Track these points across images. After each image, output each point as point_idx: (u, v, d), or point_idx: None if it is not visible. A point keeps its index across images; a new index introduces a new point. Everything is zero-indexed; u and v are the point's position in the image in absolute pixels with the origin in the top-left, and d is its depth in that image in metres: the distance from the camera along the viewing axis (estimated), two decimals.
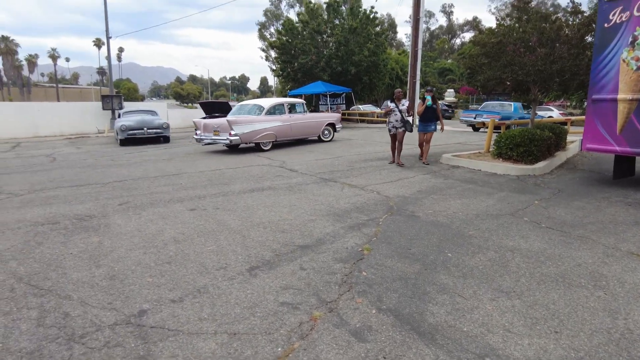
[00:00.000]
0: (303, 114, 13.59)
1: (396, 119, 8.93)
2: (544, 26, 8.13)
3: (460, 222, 4.90)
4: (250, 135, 11.67)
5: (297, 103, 13.82)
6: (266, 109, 12.21)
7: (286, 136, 12.95)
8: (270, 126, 12.12)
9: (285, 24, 24.10)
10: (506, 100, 35.79)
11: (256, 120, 11.88)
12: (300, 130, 13.35)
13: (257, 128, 11.79)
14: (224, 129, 11.60)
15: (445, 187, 6.79)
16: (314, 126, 13.95)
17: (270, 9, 69.15)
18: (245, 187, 6.92)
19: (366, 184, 7.01)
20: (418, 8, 21.23)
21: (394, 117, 8.98)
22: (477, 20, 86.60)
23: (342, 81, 22.90)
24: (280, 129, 12.43)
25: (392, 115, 9.01)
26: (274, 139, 12.41)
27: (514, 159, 8.40)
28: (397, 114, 8.91)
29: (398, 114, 8.89)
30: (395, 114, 8.93)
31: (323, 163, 9.42)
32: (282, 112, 12.69)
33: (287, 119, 12.71)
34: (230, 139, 11.36)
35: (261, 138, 11.98)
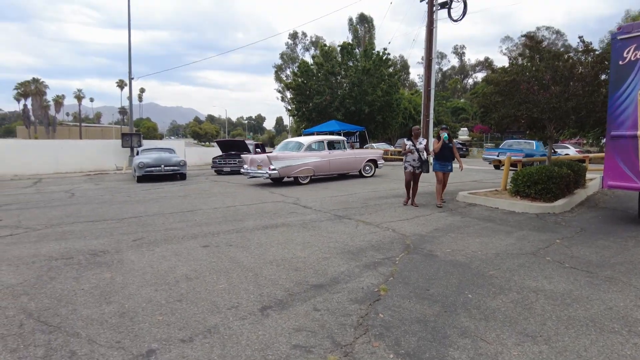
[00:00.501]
0: (343, 151, 14.15)
1: (413, 158, 8.47)
2: (557, 64, 8.16)
3: (479, 261, 4.74)
4: (288, 169, 12.55)
5: (337, 140, 14.55)
6: (305, 145, 13.15)
7: (325, 171, 13.57)
8: (308, 162, 12.90)
9: (301, 66, 24.86)
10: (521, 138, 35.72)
11: (294, 156, 12.78)
12: (339, 165, 13.89)
13: (295, 163, 12.65)
14: (265, 164, 12.57)
15: (463, 225, 6.64)
16: (353, 162, 14.42)
17: (286, 52, 71.62)
18: (259, 224, 6.88)
19: (381, 222, 6.90)
20: (430, 49, 21.72)
21: (411, 156, 8.50)
22: (488, 61, 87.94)
23: (356, 120, 23.23)
24: (319, 164, 13.15)
25: (410, 154, 8.53)
26: (311, 174, 13.08)
27: (532, 196, 8.23)
28: (414, 153, 8.46)
29: (416, 153, 8.44)
30: (413, 153, 8.47)
31: (337, 200, 9.37)
32: (322, 149, 13.45)
33: (326, 155, 13.39)
34: (269, 172, 12.31)
35: (299, 173, 12.77)
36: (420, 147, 8.48)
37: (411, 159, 8.49)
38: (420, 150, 8.46)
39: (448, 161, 8.61)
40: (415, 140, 8.55)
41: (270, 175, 12.38)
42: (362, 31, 60.45)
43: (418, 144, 8.51)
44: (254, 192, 11.37)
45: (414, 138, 8.57)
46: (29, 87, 73.33)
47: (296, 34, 71.33)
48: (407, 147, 8.51)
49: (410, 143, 8.51)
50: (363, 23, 62.66)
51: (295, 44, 71.13)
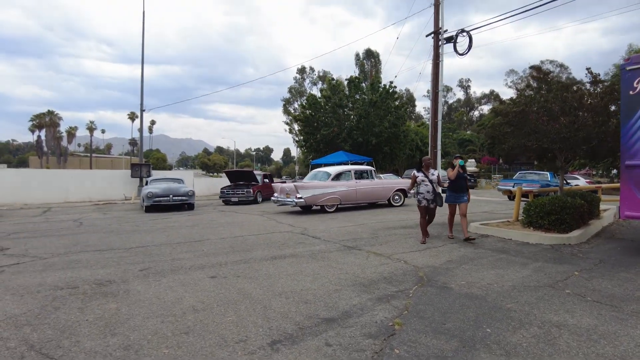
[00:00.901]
0: (370, 180, 14.41)
1: (427, 190, 7.73)
2: (566, 95, 8.17)
3: (496, 294, 4.56)
4: (314, 198, 13.02)
5: (365, 170, 14.78)
6: (333, 175, 13.59)
7: (352, 200, 13.88)
8: (335, 191, 13.33)
9: (309, 99, 25.28)
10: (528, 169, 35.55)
11: (321, 185, 13.24)
12: (366, 195, 14.16)
13: (321, 192, 13.10)
14: (293, 193, 13.05)
15: (476, 256, 6.46)
16: (381, 191, 14.65)
17: (294, 86, 73.06)
18: (267, 254, 6.76)
19: (392, 253, 6.75)
20: (437, 82, 21.97)
21: (424, 188, 7.76)
22: (494, 94, 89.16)
23: (363, 151, 23.32)
24: (345, 193, 13.54)
25: (422, 186, 7.79)
26: (338, 203, 13.49)
27: (545, 227, 8.05)
28: (427, 185, 7.74)
29: (429, 185, 7.73)
30: (426, 184, 7.75)
31: (346, 230, 9.24)
32: (349, 178, 13.82)
33: (353, 184, 13.73)
34: (296, 201, 12.80)
35: (325, 201, 13.20)
36: (433, 179, 7.80)
37: (424, 191, 7.75)
38: (433, 182, 7.79)
39: (462, 192, 8.01)
40: (427, 171, 7.91)
41: (297, 204, 12.83)
42: (368, 65, 61.72)
43: (430, 175, 7.84)
44: (262, 222, 11.28)
45: (425, 169, 7.93)
46: (44, 119, 75.12)
47: (304, 68, 72.94)
48: (417, 179, 7.85)
49: (422, 174, 7.83)
50: (369, 58, 64.06)
51: (303, 78, 72.61)
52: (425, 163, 8.00)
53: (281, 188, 14.26)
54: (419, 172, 7.90)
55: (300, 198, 12.73)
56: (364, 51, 65.03)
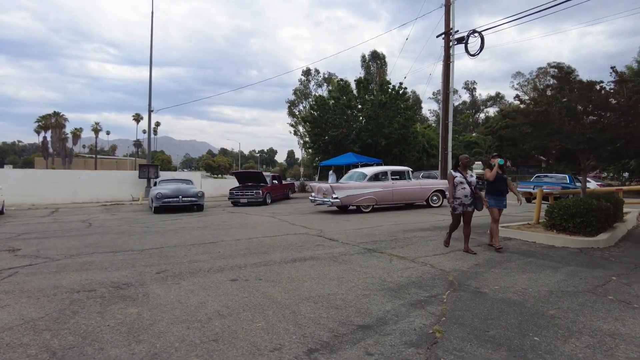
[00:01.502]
0: (407, 181, 14.52)
1: (465, 194, 6.74)
2: (590, 95, 7.93)
3: (534, 299, 4.33)
4: (350, 198, 13.27)
5: (401, 171, 14.87)
6: (369, 175, 13.78)
7: (388, 201, 14.03)
8: (371, 191, 13.52)
9: (317, 100, 25.10)
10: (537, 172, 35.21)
11: (357, 186, 13.46)
12: (402, 195, 14.30)
13: (357, 193, 13.32)
14: (329, 192, 13.36)
15: (504, 260, 6.23)
16: (419, 192, 14.76)
17: (299, 88, 72.97)
18: (286, 257, 6.55)
19: (416, 256, 6.52)
20: (447, 83, 21.77)
21: (461, 192, 6.76)
22: (499, 96, 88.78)
23: (372, 153, 23.11)
24: (381, 194, 13.71)
25: (459, 189, 6.78)
26: (374, 203, 13.67)
27: (570, 230, 7.80)
28: (465, 188, 6.75)
29: (467, 188, 6.74)
30: (464, 187, 6.75)
31: (362, 232, 9.02)
32: (385, 179, 14.00)
33: (389, 185, 13.90)
34: (332, 201, 13.16)
35: (361, 202, 13.42)
36: (472, 181, 6.81)
37: (462, 195, 6.75)
38: (472, 184, 6.80)
39: (503, 195, 7.18)
40: (464, 171, 6.89)
41: (333, 204, 13.21)
42: (374, 67, 61.59)
43: (469, 176, 6.86)
44: (275, 223, 11.08)
45: (462, 169, 6.90)
46: (50, 120, 75.33)
47: (309, 70, 72.78)
48: (454, 180, 6.81)
49: (460, 175, 6.80)
50: (375, 60, 63.91)
51: (308, 80, 72.48)
52: (463, 162, 6.98)
53: (318, 188, 14.62)
54: (456, 173, 6.87)
55: (336, 198, 12.99)
56: (370, 53, 64.86)
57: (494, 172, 7.14)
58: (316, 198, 14.43)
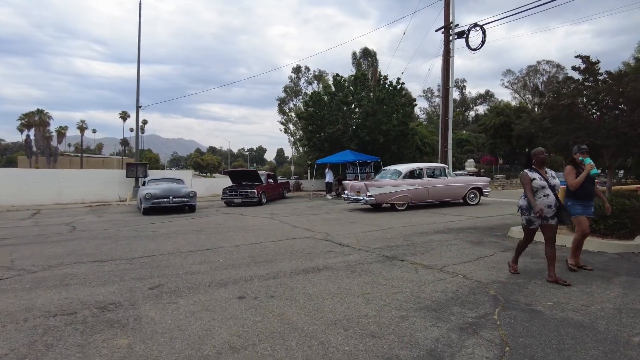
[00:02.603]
0: (443, 178, 14.24)
1: (548, 203, 4.82)
2: (624, 86, 7.32)
3: (604, 321, 3.65)
4: (384, 196, 13.03)
5: (437, 167, 14.67)
6: (403, 173, 13.59)
7: (423, 199, 13.76)
8: (406, 189, 13.29)
9: (313, 95, 24.31)
10: None
11: (391, 183, 13.27)
12: (438, 193, 14.01)
13: (392, 191, 13.09)
14: (364, 191, 13.16)
15: (540, 268, 5.55)
16: (454, 190, 14.38)
17: (289, 86, 72.15)
18: (297, 267, 5.79)
19: (442, 264, 5.82)
20: (447, 79, 21.16)
21: (543, 200, 4.82)
22: (489, 94, 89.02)
23: (370, 150, 22.42)
24: (416, 191, 13.46)
25: (541, 197, 4.85)
26: (409, 201, 13.44)
27: (601, 232, 7.18)
28: (549, 195, 4.85)
29: (551, 195, 4.86)
30: (547, 195, 4.84)
31: (373, 236, 8.30)
32: (421, 176, 13.75)
33: (425, 182, 13.63)
34: (366, 199, 12.94)
35: (395, 200, 13.20)
36: (555, 183, 4.96)
37: (544, 205, 4.84)
38: (556, 189, 4.96)
39: (591, 199, 5.51)
40: (541, 170, 5.04)
41: (367, 202, 13.00)
42: (365, 65, 60.96)
43: (550, 177, 4.99)
44: (275, 226, 10.30)
45: (538, 167, 5.06)
46: (33, 117, 73.25)
47: (299, 68, 71.91)
48: (533, 183, 4.91)
49: (539, 176, 4.95)
50: (366, 57, 63.27)
51: (299, 77, 71.65)
52: (538, 158, 5.06)
53: (351, 186, 14.45)
54: (533, 173, 5.00)
55: (370, 196, 12.78)
56: (361, 50, 64.24)
57: (583, 177, 5.27)
58: (349, 196, 14.30)
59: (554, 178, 5.02)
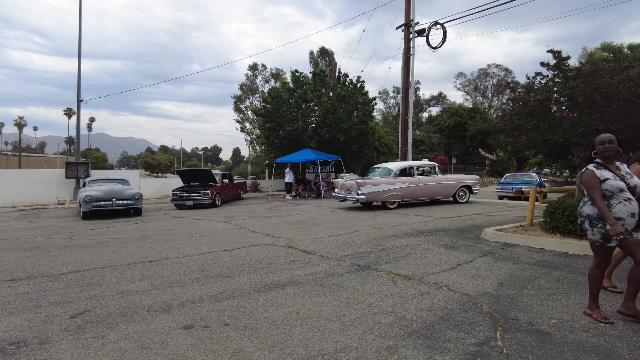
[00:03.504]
0: (434, 177, 14.17)
1: (631, 211, 3.45)
2: (598, 82, 7.06)
3: (623, 343, 3.12)
4: (375, 195, 12.96)
5: (427, 166, 14.69)
6: (394, 171, 13.50)
7: (414, 197, 13.75)
8: (397, 187, 13.25)
9: (271, 92, 23.35)
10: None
11: (383, 182, 13.17)
12: (429, 191, 13.97)
13: (383, 189, 13.04)
14: (354, 189, 13.07)
15: (528, 276, 5.07)
16: (445, 188, 14.29)
17: (245, 83, 70.64)
18: (256, 282, 4.96)
19: (421, 273, 5.20)
20: (407, 77, 20.93)
21: (623, 208, 3.45)
22: (442, 95, 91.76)
23: (330, 149, 21.80)
24: (407, 190, 13.42)
25: (620, 202, 3.47)
26: (400, 199, 13.38)
27: (577, 233, 6.88)
28: (630, 199, 3.49)
29: (633, 199, 3.51)
30: (628, 200, 3.48)
31: (340, 241, 7.60)
32: (411, 175, 13.71)
33: (415, 180, 13.59)
34: (357, 197, 12.86)
35: (387, 198, 13.13)
36: (635, 183, 3.54)
37: (625, 214, 3.45)
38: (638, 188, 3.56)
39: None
40: (612, 165, 3.61)
41: (358, 200, 12.88)
42: (323, 64, 60.68)
43: (626, 173, 3.60)
44: (231, 231, 9.36)
45: (609, 162, 3.62)
46: None
47: (256, 65, 70.60)
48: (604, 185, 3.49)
49: (612, 175, 3.52)
50: (324, 56, 63.00)
51: (255, 75, 70.40)
52: (604, 152, 3.60)
53: (342, 184, 14.38)
54: (601, 169, 3.57)
55: (361, 195, 12.71)
56: (319, 49, 63.93)
57: None
58: (339, 194, 14.23)
59: (631, 176, 3.58)
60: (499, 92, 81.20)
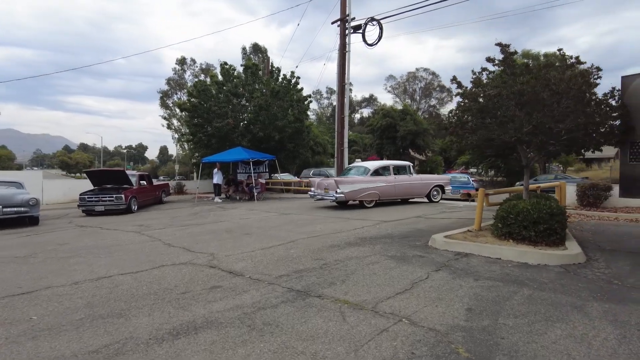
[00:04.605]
0: (409, 176, 14.21)
1: None
2: (549, 77, 6.63)
3: None
4: (354, 193, 12.83)
5: (403, 165, 14.63)
6: (371, 170, 13.44)
7: (390, 196, 13.76)
8: (374, 186, 13.15)
9: (197, 85, 21.44)
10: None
11: (361, 180, 13.05)
12: (404, 190, 14.02)
13: (361, 187, 12.90)
14: (332, 188, 12.85)
15: (496, 297, 4.30)
16: (419, 187, 14.41)
17: (173, 78, 66.95)
18: (160, 324, 3.69)
19: (374, 299, 4.23)
20: (343, 75, 20.26)
21: None
22: (373, 97, 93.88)
23: (264, 148, 20.49)
24: (384, 189, 13.37)
25: None
26: (377, 198, 13.34)
27: (531, 239, 6.38)
28: None
29: None
30: None
31: (275, 254, 6.46)
32: (388, 174, 13.68)
33: (392, 180, 13.59)
34: (336, 196, 12.59)
35: (365, 197, 13.03)
36: None
37: None
38: None
39: None
40: None
41: (337, 199, 12.68)
42: (257, 60, 58.99)
43: None
44: (142, 245, 7.82)
45: None
46: None
47: (184, 59, 67.14)
48: None
49: None
50: (257, 52, 61.32)
51: (184, 69, 67.03)
52: None
53: (318, 183, 14.17)
54: None
55: (340, 193, 12.49)
56: (251, 45, 62.13)
57: None
58: (316, 193, 13.92)
59: None
60: (426, 94, 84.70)
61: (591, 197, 11.73)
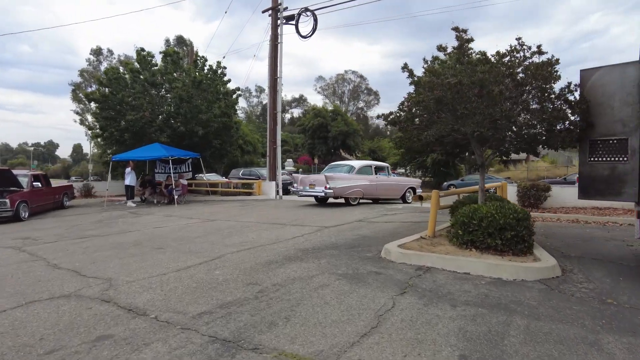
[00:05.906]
0: (387, 177, 14.69)
1: None
2: (512, 65, 5.94)
3: None
4: (342, 190, 12.89)
5: (382, 166, 14.99)
6: (357, 168, 13.78)
7: (372, 195, 14.10)
8: (360, 184, 13.43)
9: (108, 72, 18.79)
10: None
11: (348, 177, 13.30)
12: (384, 191, 14.35)
13: (349, 184, 13.09)
14: (320, 183, 12.99)
15: (487, 333, 3.33)
16: (396, 188, 14.77)
17: (87, 69, 61.36)
18: None
19: (332, 351, 3.03)
20: (275, 68, 18.99)
21: None
22: (303, 98, 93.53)
23: (186, 144, 18.50)
24: (368, 187, 13.67)
25: None
26: (361, 196, 13.65)
27: (497, 248, 5.64)
28: None
29: None
30: None
31: (194, 278, 5.02)
32: (370, 173, 14.02)
33: (374, 179, 13.96)
34: (325, 192, 12.64)
35: (351, 194, 13.21)
36: None
37: None
38: None
39: None
40: None
41: (325, 195, 12.79)
42: (182, 52, 55.56)
43: None
44: (16, 268, 5.90)
45: None
46: None
47: (100, 50, 61.61)
48: None
49: None
50: (181, 45, 57.80)
51: (100, 61, 61.61)
52: None
53: (301, 179, 14.20)
54: None
55: (329, 189, 12.51)
56: (175, 37, 58.58)
57: None
58: (299, 189, 13.92)
59: None
60: (354, 97, 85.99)
61: (532, 198, 11.65)
